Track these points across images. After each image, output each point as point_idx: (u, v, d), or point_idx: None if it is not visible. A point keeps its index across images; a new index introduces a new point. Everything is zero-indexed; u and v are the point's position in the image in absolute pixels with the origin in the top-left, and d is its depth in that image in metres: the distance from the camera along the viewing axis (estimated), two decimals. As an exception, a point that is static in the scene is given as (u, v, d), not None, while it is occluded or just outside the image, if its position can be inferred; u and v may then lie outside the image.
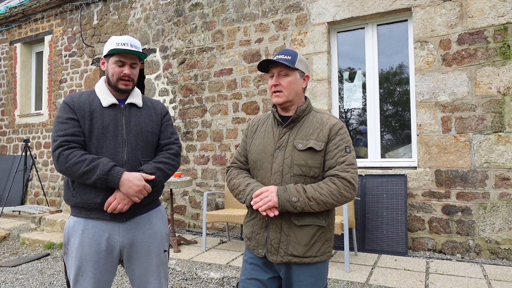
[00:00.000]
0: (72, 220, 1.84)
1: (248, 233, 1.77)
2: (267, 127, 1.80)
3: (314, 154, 1.63)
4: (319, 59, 4.84)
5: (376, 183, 4.38)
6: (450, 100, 4.11)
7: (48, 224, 5.76)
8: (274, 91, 1.71)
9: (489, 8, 3.95)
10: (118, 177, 1.72)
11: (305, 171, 1.63)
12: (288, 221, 1.63)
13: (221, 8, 5.59)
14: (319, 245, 1.64)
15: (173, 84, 6.00)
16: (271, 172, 1.67)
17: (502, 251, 3.83)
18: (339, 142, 1.65)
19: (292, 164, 1.63)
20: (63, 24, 7.52)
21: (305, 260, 1.62)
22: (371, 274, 3.53)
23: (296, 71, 1.71)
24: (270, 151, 1.70)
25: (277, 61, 1.67)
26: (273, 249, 1.64)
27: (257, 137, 1.80)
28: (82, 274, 1.76)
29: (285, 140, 1.69)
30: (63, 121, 1.77)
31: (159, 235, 1.94)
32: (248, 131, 1.89)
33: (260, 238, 1.69)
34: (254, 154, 1.76)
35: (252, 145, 1.81)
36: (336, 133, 1.66)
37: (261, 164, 1.72)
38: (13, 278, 3.97)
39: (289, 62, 1.68)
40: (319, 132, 1.67)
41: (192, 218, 5.73)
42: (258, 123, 1.88)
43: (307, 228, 1.62)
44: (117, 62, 1.84)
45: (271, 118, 1.82)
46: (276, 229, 1.64)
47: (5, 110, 8.46)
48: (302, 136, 1.67)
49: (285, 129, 1.71)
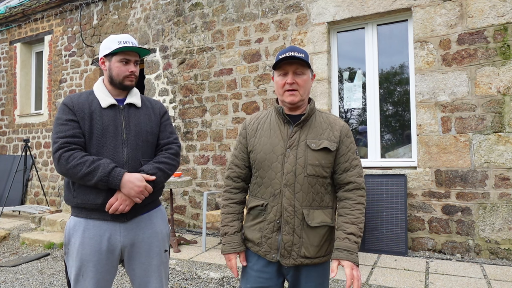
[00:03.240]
0: (73, 220, 1.84)
1: (256, 238, 1.67)
2: (271, 126, 1.71)
3: (327, 154, 1.62)
4: (319, 59, 4.84)
5: (376, 183, 4.38)
6: (450, 100, 4.11)
7: (48, 224, 5.76)
8: (289, 90, 1.63)
9: (489, 8, 3.95)
10: (119, 178, 1.72)
11: (318, 172, 1.61)
12: (301, 223, 1.60)
13: (221, 8, 5.59)
14: (326, 245, 1.66)
15: (173, 84, 6.00)
16: (282, 172, 1.61)
17: (502, 251, 3.83)
18: (350, 145, 1.67)
19: (306, 164, 1.60)
20: (63, 24, 7.52)
21: (316, 261, 1.63)
22: (371, 274, 3.53)
23: (309, 69, 1.67)
24: (280, 151, 1.63)
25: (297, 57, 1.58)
26: (286, 252, 1.61)
27: (261, 135, 1.71)
28: (83, 274, 1.76)
29: (297, 139, 1.63)
30: (62, 122, 1.77)
31: (160, 235, 1.94)
32: (247, 131, 1.78)
33: (272, 242, 1.63)
34: (260, 153, 1.67)
35: (256, 144, 1.70)
36: (346, 135, 1.67)
37: (269, 164, 1.64)
38: (13, 278, 3.97)
39: (305, 59, 1.62)
40: (329, 132, 1.65)
41: (192, 218, 5.73)
42: (258, 121, 1.78)
43: (319, 229, 1.61)
44: (122, 60, 1.84)
45: (272, 116, 1.74)
46: (289, 231, 1.60)
47: (5, 110, 8.46)
48: (313, 136, 1.64)
49: (295, 128, 1.65)
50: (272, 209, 1.63)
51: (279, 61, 1.62)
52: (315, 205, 1.62)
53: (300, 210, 1.60)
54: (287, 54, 1.60)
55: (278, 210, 1.61)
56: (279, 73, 1.66)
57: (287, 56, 1.59)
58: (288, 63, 1.63)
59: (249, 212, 1.73)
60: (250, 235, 1.71)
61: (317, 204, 1.63)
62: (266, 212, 1.65)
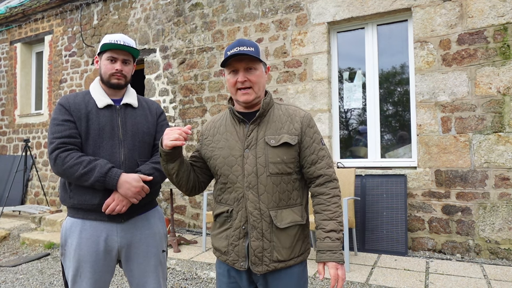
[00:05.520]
0: (69, 221, 1.83)
1: (222, 246, 1.57)
2: (227, 127, 1.61)
3: (288, 149, 1.52)
4: (319, 59, 4.84)
5: (376, 183, 4.38)
6: (450, 100, 4.10)
7: (48, 224, 5.77)
8: (241, 88, 1.52)
9: (489, 8, 3.94)
10: (116, 178, 1.71)
11: (282, 169, 1.51)
12: (270, 225, 1.50)
13: (221, 8, 5.59)
14: (299, 244, 1.56)
15: (173, 84, 6.00)
16: (243, 175, 1.51)
17: (502, 251, 3.83)
18: (314, 135, 1.57)
19: (267, 162, 1.50)
20: (63, 24, 7.52)
21: (290, 263, 1.53)
22: (371, 274, 3.53)
23: (261, 63, 1.55)
24: (238, 152, 1.54)
25: (246, 53, 1.45)
26: (257, 259, 1.50)
27: (218, 139, 1.60)
28: (80, 275, 1.76)
29: (254, 138, 1.53)
30: (59, 123, 1.76)
31: (157, 236, 1.94)
32: (204, 138, 1.67)
33: (240, 250, 1.52)
34: (219, 158, 1.57)
35: (214, 150, 1.59)
36: (308, 125, 1.57)
37: (229, 168, 1.54)
38: (13, 278, 3.97)
39: (255, 54, 1.49)
40: (289, 125, 1.55)
41: (192, 218, 5.73)
42: (214, 125, 1.67)
43: (290, 229, 1.52)
44: (109, 58, 1.83)
45: (228, 117, 1.64)
46: (258, 236, 1.49)
47: (5, 110, 8.47)
48: (272, 131, 1.53)
49: (251, 126, 1.55)
50: (237, 214, 1.53)
51: (226, 59, 1.50)
52: (283, 205, 1.52)
53: (267, 213, 1.49)
54: (234, 50, 1.48)
55: (243, 215, 1.51)
56: (229, 70, 1.55)
57: (234, 52, 1.47)
58: (237, 60, 1.50)
59: (216, 220, 1.64)
60: (216, 244, 1.62)
61: (285, 204, 1.53)
62: (231, 218, 1.55)
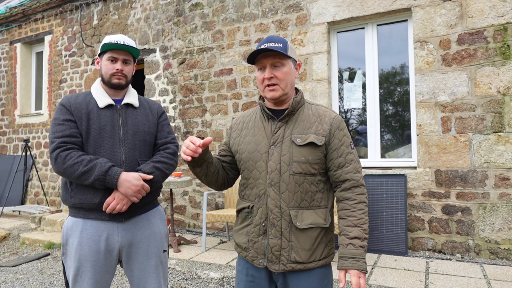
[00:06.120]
0: (70, 220, 1.84)
1: (243, 242, 1.58)
2: (255, 123, 1.62)
3: (314, 149, 1.49)
4: (319, 59, 4.84)
5: (376, 183, 4.38)
6: (450, 100, 4.10)
7: (48, 224, 5.76)
8: (268, 85, 1.52)
9: (489, 8, 3.95)
10: (116, 177, 1.72)
11: (305, 169, 1.49)
12: (289, 225, 1.48)
13: (221, 8, 5.59)
14: (322, 248, 1.52)
15: (173, 84, 6.00)
16: (266, 172, 1.51)
17: (501, 251, 3.83)
18: (343, 138, 1.53)
19: (291, 161, 1.48)
20: (63, 24, 7.52)
21: (310, 266, 1.49)
22: (371, 274, 3.53)
23: (290, 59, 1.53)
24: (264, 148, 1.53)
25: (271, 49, 1.45)
26: (274, 257, 1.49)
27: (246, 134, 1.62)
28: (81, 275, 1.76)
29: (281, 135, 1.52)
30: (60, 122, 1.78)
31: (158, 235, 1.94)
32: (232, 131, 1.70)
33: (259, 247, 1.52)
34: (245, 153, 1.58)
35: (241, 144, 1.61)
36: (338, 127, 1.54)
37: (254, 163, 1.54)
38: (13, 278, 3.97)
39: (282, 50, 1.48)
40: (318, 125, 1.53)
41: (192, 218, 5.73)
42: (243, 119, 1.69)
43: (310, 231, 1.49)
44: (109, 58, 1.85)
45: (258, 113, 1.65)
46: (276, 235, 1.49)
47: (5, 110, 8.47)
48: (299, 130, 1.52)
49: (279, 123, 1.54)
50: (257, 211, 1.53)
51: (253, 55, 1.49)
52: (305, 205, 1.50)
53: (287, 211, 1.48)
54: (263, 46, 1.48)
55: (264, 212, 1.51)
56: (258, 67, 1.55)
57: (261, 48, 1.46)
58: (264, 56, 1.50)
59: (238, 215, 1.65)
60: (237, 240, 1.62)
61: (307, 204, 1.50)
62: (252, 214, 1.55)
